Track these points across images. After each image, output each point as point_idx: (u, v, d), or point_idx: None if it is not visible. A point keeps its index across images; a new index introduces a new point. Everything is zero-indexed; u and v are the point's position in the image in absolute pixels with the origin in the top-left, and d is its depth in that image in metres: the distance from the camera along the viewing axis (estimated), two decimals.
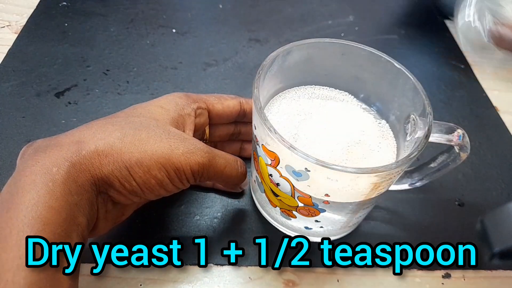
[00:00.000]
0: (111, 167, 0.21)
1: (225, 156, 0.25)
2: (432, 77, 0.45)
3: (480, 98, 0.43)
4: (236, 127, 0.31)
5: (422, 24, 0.52)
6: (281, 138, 0.20)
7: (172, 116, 0.24)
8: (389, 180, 0.22)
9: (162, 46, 0.43)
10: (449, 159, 0.25)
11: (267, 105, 0.27)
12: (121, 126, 0.22)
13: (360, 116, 0.27)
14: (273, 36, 0.47)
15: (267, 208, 0.28)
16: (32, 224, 0.18)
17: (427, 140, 0.22)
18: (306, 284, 0.27)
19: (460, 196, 0.33)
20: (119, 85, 0.39)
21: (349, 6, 0.52)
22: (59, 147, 0.20)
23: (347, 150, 0.24)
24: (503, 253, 0.29)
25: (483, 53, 0.47)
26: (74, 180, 0.20)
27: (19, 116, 0.35)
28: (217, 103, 0.28)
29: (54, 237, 0.18)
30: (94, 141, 0.21)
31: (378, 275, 0.28)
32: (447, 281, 0.28)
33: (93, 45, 0.42)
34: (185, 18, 0.47)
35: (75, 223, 0.20)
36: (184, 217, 0.29)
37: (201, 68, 0.42)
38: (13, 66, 0.39)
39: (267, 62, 0.24)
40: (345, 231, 0.29)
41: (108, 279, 0.26)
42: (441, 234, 0.31)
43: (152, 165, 0.21)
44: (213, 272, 0.27)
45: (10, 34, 0.42)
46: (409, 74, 0.24)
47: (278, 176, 0.23)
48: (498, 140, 0.39)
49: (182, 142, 0.22)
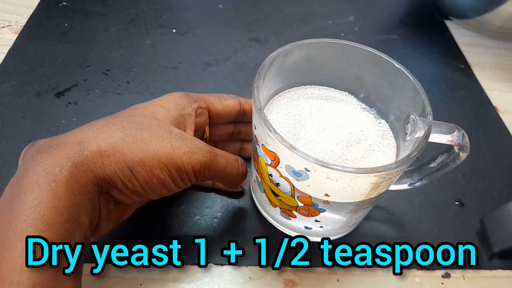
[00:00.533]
0: (113, 167, 0.21)
1: (226, 155, 0.25)
2: (432, 77, 0.45)
3: (480, 98, 0.43)
4: (236, 127, 0.31)
5: (422, 24, 0.52)
6: (281, 138, 0.20)
7: (173, 115, 0.24)
8: (389, 180, 0.22)
9: (162, 46, 0.43)
10: (449, 159, 0.25)
11: (267, 105, 0.27)
12: (123, 126, 0.22)
13: (360, 116, 0.27)
14: (273, 36, 0.47)
15: (267, 208, 0.28)
16: (35, 224, 0.18)
17: (427, 140, 0.22)
18: (306, 284, 0.27)
19: (460, 196, 0.33)
20: (119, 85, 0.39)
21: (349, 6, 0.52)
22: (62, 147, 0.20)
23: (347, 150, 0.24)
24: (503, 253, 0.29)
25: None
26: (77, 180, 0.20)
27: (19, 116, 0.35)
28: (217, 103, 0.28)
29: (57, 237, 0.18)
30: (96, 141, 0.21)
31: (378, 275, 0.28)
32: (447, 281, 0.28)
33: (93, 45, 0.42)
34: (185, 18, 0.47)
35: (78, 223, 0.20)
36: (184, 217, 0.29)
37: (201, 68, 0.42)
38: (13, 66, 0.39)
39: (267, 62, 0.24)
40: (345, 231, 0.29)
41: (108, 279, 0.26)
42: (441, 234, 0.31)
43: (154, 164, 0.21)
44: (213, 272, 0.27)
45: (10, 34, 0.42)
46: (409, 74, 0.24)
47: (278, 176, 0.23)
48: (498, 140, 0.39)
49: (184, 141, 0.23)
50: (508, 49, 0.50)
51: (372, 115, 0.27)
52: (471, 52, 0.48)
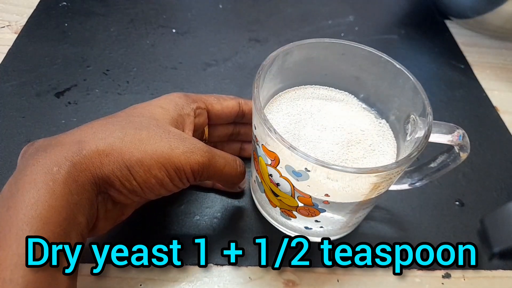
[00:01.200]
0: (111, 166, 0.21)
1: (224, 156, 0.25)
2: (432, 77, 0.45)
3: (480, 98, 0.43)
4: (235, 128, 0.31)
5: (422, 24, 0.52)
6: (281, 138, 0.20)
7: (172, 116, 0.24)
8: (389, 180, 0.22)
9: (162, 46, 0.43)
10: (449, 159, 0.25)
11: (267, 105, 0.27)
12: (122, 126, 0.22)
13: (360, 116, 0.27)
14: (273, 36, 0.47)
15: (267, 208, 0.28)
16: (31, 223, 0.18)
17: (427, 140, 0.22)
18: (306, 284, 0.27)
19: (460, 196, 0.33)
20: (119, 85, 0.39)
21: (349, 6, 0.52)
22: (60, 146, 0.20)
23: (347, 150, 0.24)
24: (503, 253, 0.29)
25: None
26: (75, 180, 0.20)
27: (19, 116, 0.35)
28: (216, 103, 0.28)
29: (53, 236, 0.18)
30: (95, 140, 0.21)
31: (378, 275, 0.28)
32: (447, 281, 0.28)
33: (93, 45, 0.42)
34: (185, 18, 0.47)
35: (75, 222, 0.20)
36: (184, 217, 0.29)
37: (201, 68, 0.42)
38: (13, 66, 0.39)
39: (267, 62, 0.24)
40: (345, 231, 0.29)
41: (108, 279, 0.26)
42: (441, 234, 0.31)
43: (153, 164, 0.21)
44: (213, 272, 0.27)
45: (10, 34, 0.42)
46: (409, 74, 0.24)
47: (278, 176, 0.23)
48: (498, 140, 0.39)
49: (182, 141, 0.23)
50: (508, 49, 0.50)
51: (373, 115, 0.27)
52: (471, 52, 0.48)
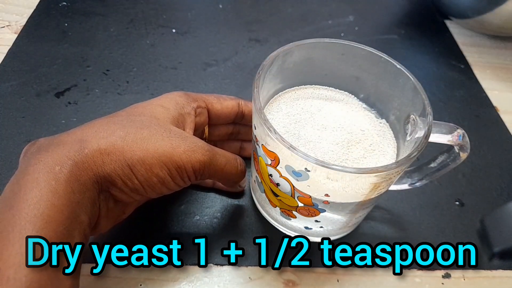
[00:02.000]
0: (113, 165, 0.21)
1: (225, 154, 0.25)
2: (432, 77, 0.45)
3: (480, 98, 0.43)
4: (235, 127, 0.31)
5: (422, 24, 0.52)
6: (281, 138, 0.20)
7: (173, 115, 0.24)
8: (389, 180, 0.22)
9: (162, 46, 0.43)
10: (449, 159, 0.25)
11: (267, 105, 0.27)
12: (123, 124, 0.22)
13: (360, 116, 0.27)
14: (273, 36, 0.47)
15: (267, 208, 0.28)
16: (34, 222, 0.18)
17: (427, 140, 0.22)
18: (306, 284, 0.27)
19: (460, 196, 0.33)
20: (119, 85, 0.39)
21: (349, 6, 0.52)
22: (62, 145, 0.21)
23: (347, 150, 0.24)
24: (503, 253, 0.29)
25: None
26: (77, 179, 0.20)
27: (19, 116, 0.35)
28: (216, 103, 0.28)
29: (56, 235, 0.18)
30: (97, 139, 0.21)
31: (378, 275, 0.28)
32: (447, 281, 0.28)
33: (93, 45, 0.42)
34: (185, 18, 0.47)
35: (77, 221, 0.20)
36: (184, 217, 0.29)
37: (201, 68, 0.42)
38: (13, 66, 0.39)
39: (267, 62, 0.24)
40: (345, 231, 0.29)
41: (108, 279, 0.26)
42: (441, 234, 0.31)
43: (154, 163, 0.21)
44: (213, 272, 0.27)
45: (10, 34, 0.42)
46: (409, 74, 0.24)
47: (278, 176, 0.23)
48: (498, 140, 0.39)
49: (183, 140, 0.23)
50: (508, 49, 0.50)
51: (373, 115, 0.27)
52: (471, 52, 0.48)
